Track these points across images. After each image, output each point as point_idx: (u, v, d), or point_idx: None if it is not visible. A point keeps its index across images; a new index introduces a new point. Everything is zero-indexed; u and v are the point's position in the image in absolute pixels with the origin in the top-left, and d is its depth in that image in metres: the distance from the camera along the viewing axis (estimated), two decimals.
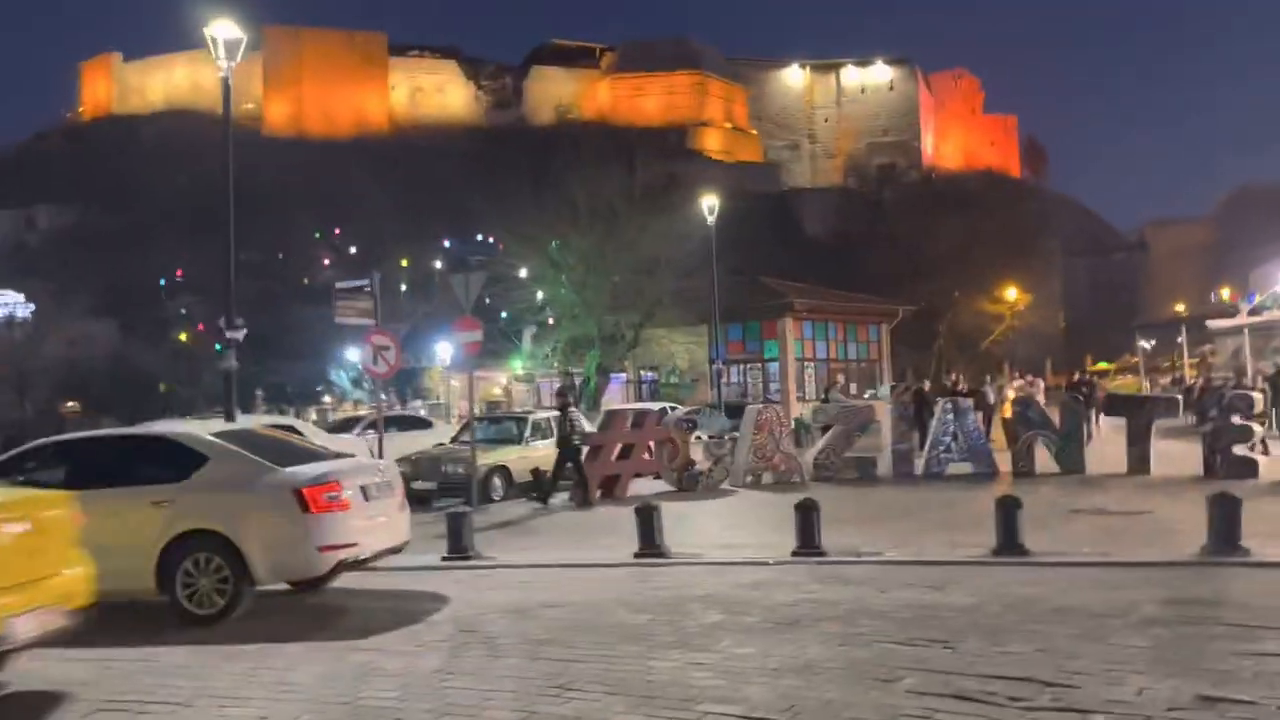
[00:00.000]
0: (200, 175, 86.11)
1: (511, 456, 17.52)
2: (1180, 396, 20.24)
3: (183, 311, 55.61)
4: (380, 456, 14.79)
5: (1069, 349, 74.09)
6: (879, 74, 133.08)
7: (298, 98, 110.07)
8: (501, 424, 19.02)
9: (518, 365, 41.11)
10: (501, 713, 5.41)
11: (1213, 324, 32.14)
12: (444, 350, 44.40)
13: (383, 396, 17.07)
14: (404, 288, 53.27)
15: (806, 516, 10.22)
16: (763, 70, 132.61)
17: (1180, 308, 66.70)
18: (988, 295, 51.70)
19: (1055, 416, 18.58)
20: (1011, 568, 9.30)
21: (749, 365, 42.17)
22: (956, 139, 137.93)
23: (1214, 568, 8.91)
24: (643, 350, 41.98)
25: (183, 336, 52.89)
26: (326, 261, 60.13)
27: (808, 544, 10.18)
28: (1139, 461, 17.34)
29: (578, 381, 39.35)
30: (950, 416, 18.20)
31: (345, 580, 9.69)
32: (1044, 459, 17.63)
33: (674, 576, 9.50)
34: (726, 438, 18.42)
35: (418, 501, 17.17)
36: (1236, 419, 16.68)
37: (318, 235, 58.55)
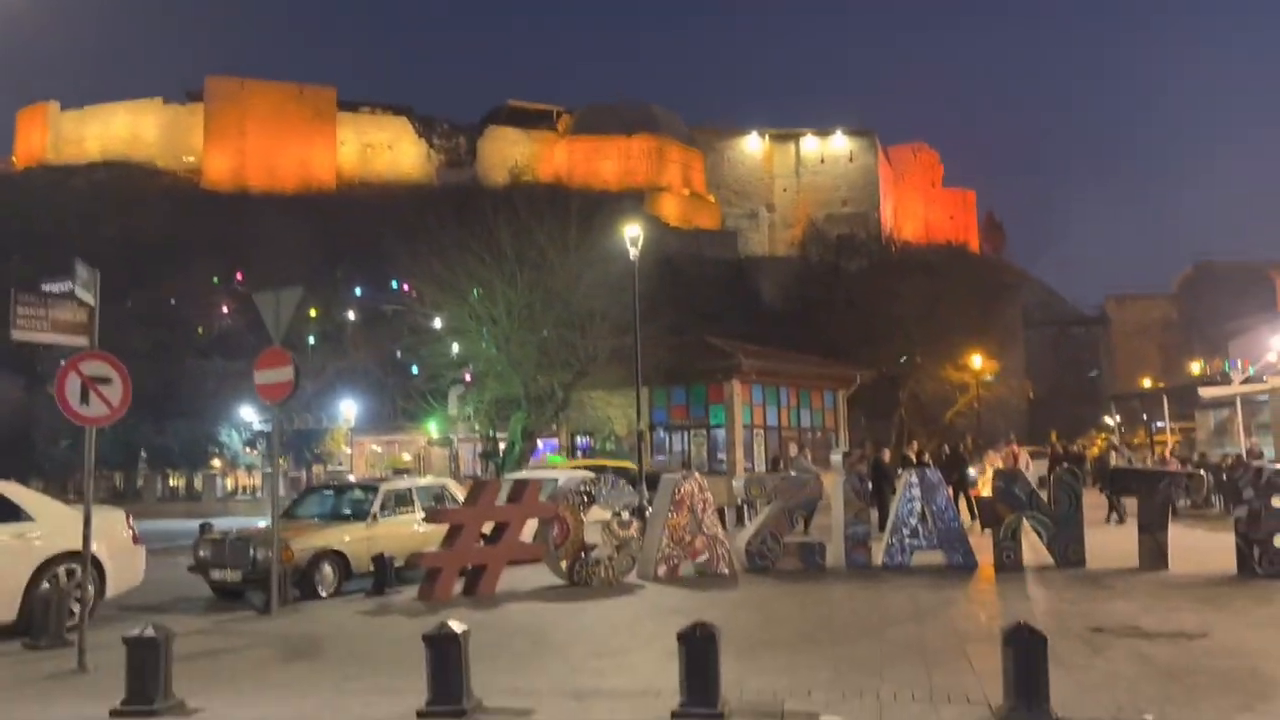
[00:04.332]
0: (129, 228, 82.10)
1: (348, 537, 13.42)
2: (1204, 473, 16.65)
3: (61, 362, 50.43)
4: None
5: (1033, 422, 71.30)
6: (838, 144, 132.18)
7: (241, 151, 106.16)
8: (343, 495, 14.93)
9: (432, 428, 36.89)
10: None
11: (1205, 391, 28.98)
12: (349, 409, 40.13)
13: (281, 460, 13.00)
14: (312, 341, 48.66)
15: (698, 652, 6.32)
16: (722, 138, 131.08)
17: (1147, 382, 64.25)
18: (951, 362, 48.52)
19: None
20: None
21: (693, 432, 38.34)
22: (915, 212, 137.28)
23: None
24: (577, 414, 38.10)
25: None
26: (225, 309, 55.57)
27: (699, 698, 6.27)
28: (1154, 554, 13.69)
29: (501, 446, 35.27)
30: (917, 492, 14.43)
31: None
32: (1032, 548, 13.96)
33: None
34: (634, 515, 14.54)
35: (229, 596, 13.10)
36: (1278, 501, 13.16)
37: (215, 280, 53.98)
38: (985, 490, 19.47)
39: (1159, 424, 62.12)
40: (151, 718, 6.59)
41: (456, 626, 6.52)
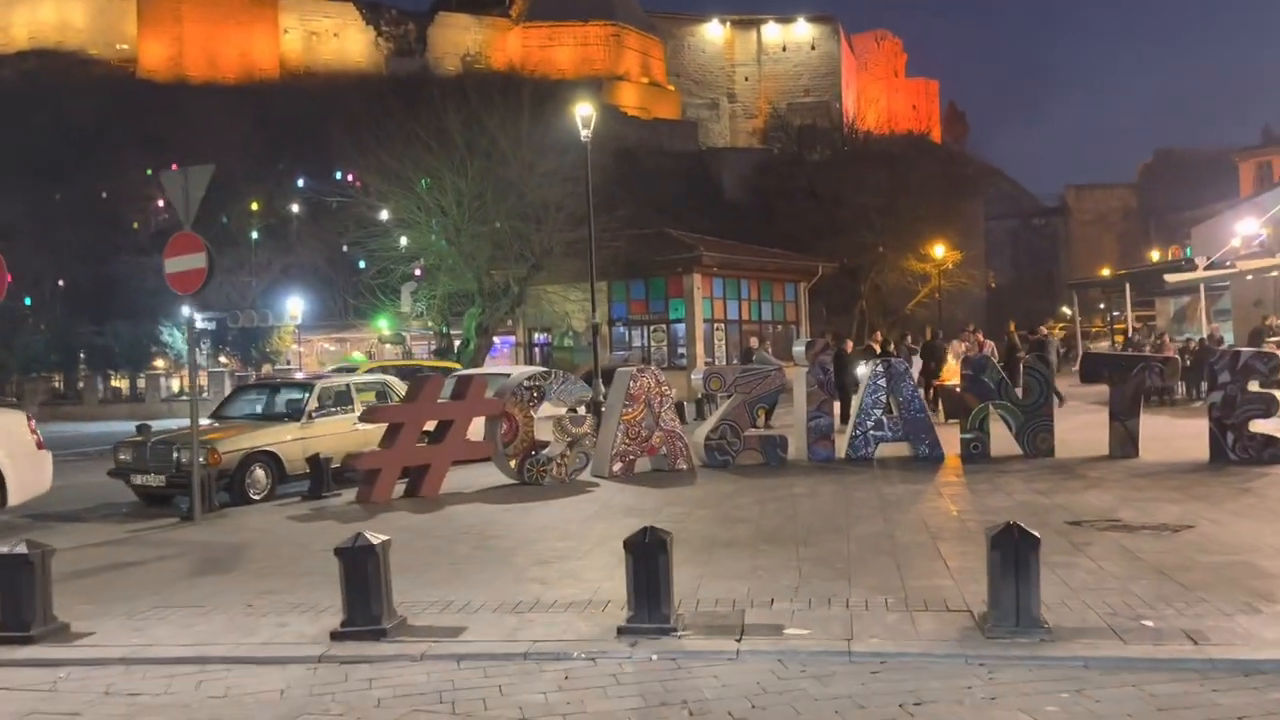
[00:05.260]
0: (60, 119, 78.02)
1: (284, 438, 12.57)
2: (1177, 357, 16.20)
3: None
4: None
5: (991, 313, 71.59)
6: (800, 32, 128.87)
7: (177, 38, 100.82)
8: (276, 393, 14.00)
9: (383, 325, 35.74)
10: None
11: (1170, 277, 28.61)
12: (295, 307, 38.72)
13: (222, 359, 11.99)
14: (255, 236, 46.47)
15: (647, 561, 5.60)
16: (682, 25, 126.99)
17: (1106, 271, 64.29)
18: (913, 253, 47.84)
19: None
20: (1029, 670, 4.83)
21: (653, 326, 37.63)
22: (878, 101, 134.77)
23: None
24: (534, 309, 37.20)
25: None
26: (161, 203, 52.54)
27: (649, 611, 5.58)
28: (1125, 442, 13.26)
29: (456, 344, 34.35)
30: (882, 383, 13.83)
31: None
32: (998, 437, 13.49)
33: (360, 705, 4.80)
34: (590, 411, 13.83)
35: (156, 502, 12.28)
36: (1255, 385, 12.72)
37: (149, 173, 50.96)
38: (950, 379, 19.04)
39: (1116, 313, 62.36)
40: (26, 645, 5.80)
41: (373, 537, 5.75)
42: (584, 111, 22.50)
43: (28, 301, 46.31)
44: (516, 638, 5.65)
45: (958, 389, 17.13)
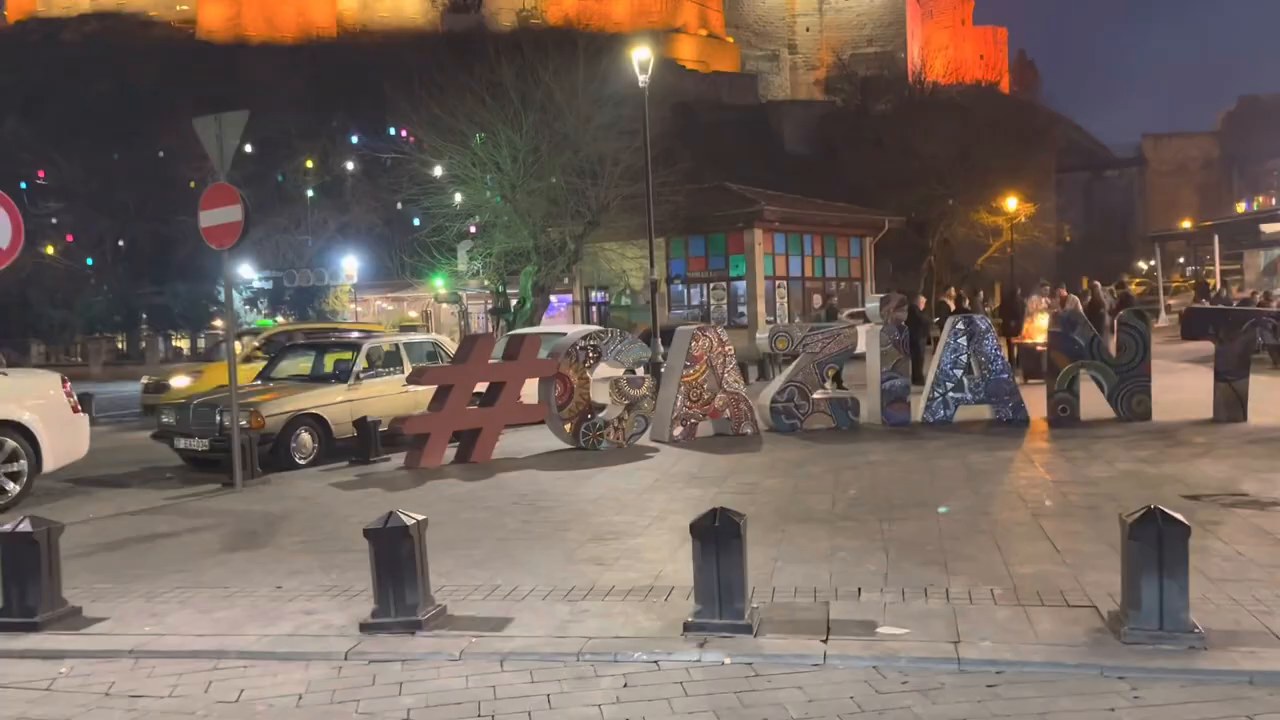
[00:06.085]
0: (121, 82, 78.81)
1: (331, 400, 12.04)
2: None
3: (53, 221, 47.92)
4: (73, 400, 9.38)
5: (1064, 268, 69.15)
6: None
7: None
8: (324, 353, 13.47)
9: (439, 283, 35.30)
10: None
11: (1267, 227, 26.89)
12: (350, 265, 38.48)
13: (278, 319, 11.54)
14: (311, 194, 46.21)
15: (717, 549, 4.85)
16: None
17: (1186, 224, 61.63)
18: (984, 206, 45.96)
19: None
20: (1182, 688, 4.02)
21: (713, 284, 36.74)
22: (944, 51, 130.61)
23: None
24: (591, 267, 36.48)
25: (50, 249, 45.65)
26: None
27: (719, 605, 4.85)
28: (1232, 405, 12.15)
29: (512, 302, 33.78)
30: (963, 341, 12.85)
31: None
32: (1087, 400, 12.50)
33: (385, 717, 4.15)
34: (649, 372, 13.11)
35: (203, 465, 11.87)
36: None
37: None
38: (1033, 338, 17.97)
39: (1193, 267, 59.64)
40: (31, 632, 5.27)
41: (407, 517, 5.09)
42: (641, 56, 21.57)
43: (90, 262, 46.89)
44: (568, 633, 4.96)
45: (1039, 347, 16.12)
